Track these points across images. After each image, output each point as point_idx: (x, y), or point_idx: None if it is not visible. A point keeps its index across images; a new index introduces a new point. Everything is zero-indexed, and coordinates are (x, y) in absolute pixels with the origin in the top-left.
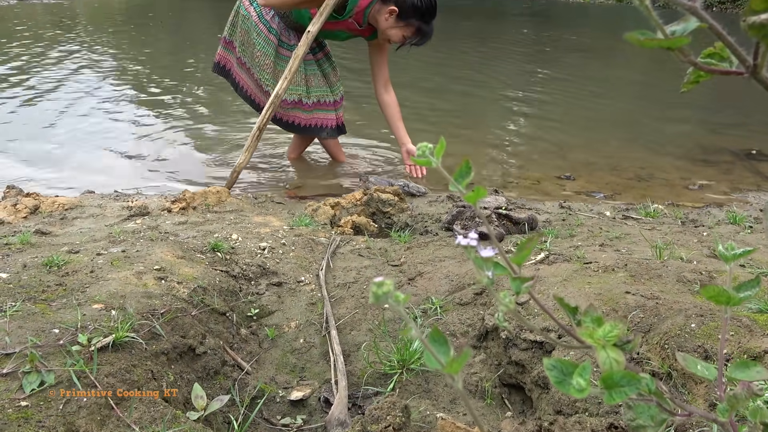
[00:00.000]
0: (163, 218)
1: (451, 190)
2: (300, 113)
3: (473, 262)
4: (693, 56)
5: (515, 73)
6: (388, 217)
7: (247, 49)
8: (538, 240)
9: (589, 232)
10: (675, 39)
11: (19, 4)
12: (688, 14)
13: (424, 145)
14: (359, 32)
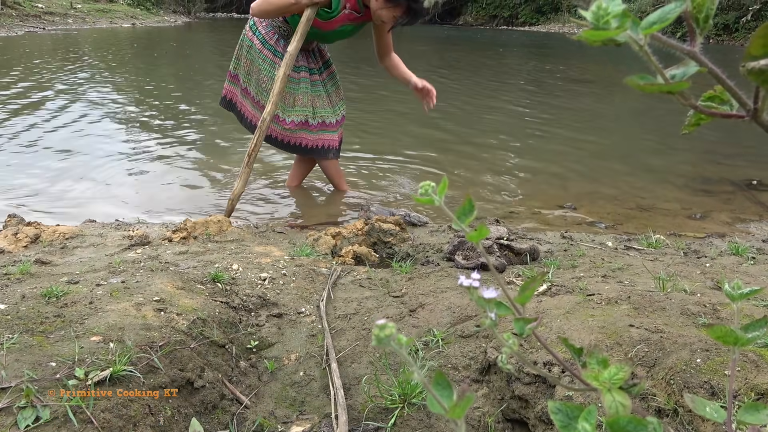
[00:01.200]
0: (163, 248)
1: (453, 227)
2: (306, 134)
3: (476, 302)
4: (693, 99)
5: (515, 104)
6: (390, 247)
7: (252, 77)
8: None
9: (591, 263)
10: (675, 84)
11: (27, 34)
12: (687, 58)
13: (426, 183)
14: (362, 19)
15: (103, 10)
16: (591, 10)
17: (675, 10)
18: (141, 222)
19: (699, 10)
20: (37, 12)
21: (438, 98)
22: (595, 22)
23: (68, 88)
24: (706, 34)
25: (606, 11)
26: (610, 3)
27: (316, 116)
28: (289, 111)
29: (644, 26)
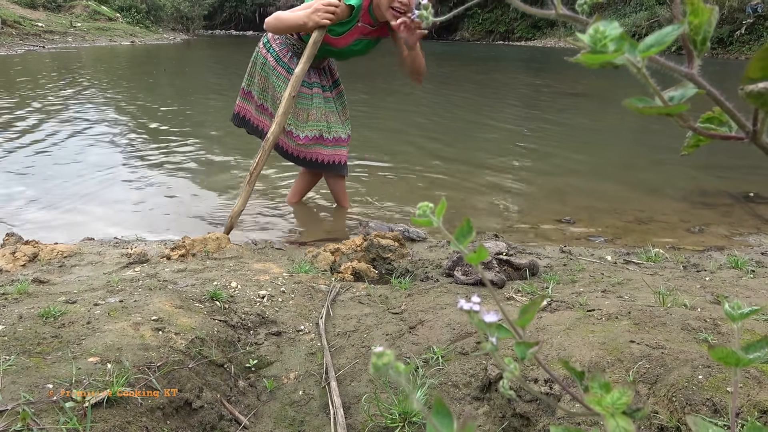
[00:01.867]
0: (162, 266)
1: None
2: (321, 149)
3: (477, 327)
4: (692, 120)
5: (512, 118)
6: (389, 263)
7: (267, 93)
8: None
9: (591, 278)
10: (674, 107)
11: (27, 53)
12: (685, 80)
13: (424, 204)
14: (376, 33)
15: (103, 28)
16: (588, 33)
17: (672, 34)
18: (139, 239)
19: (696, 32)
20: (37, 31)
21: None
22: (593, 45)
23: (67, 106)
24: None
25: (603, 34)
26: (607, 26)
27: (331, 131)
28: (303, 126)
29: (642, 49)
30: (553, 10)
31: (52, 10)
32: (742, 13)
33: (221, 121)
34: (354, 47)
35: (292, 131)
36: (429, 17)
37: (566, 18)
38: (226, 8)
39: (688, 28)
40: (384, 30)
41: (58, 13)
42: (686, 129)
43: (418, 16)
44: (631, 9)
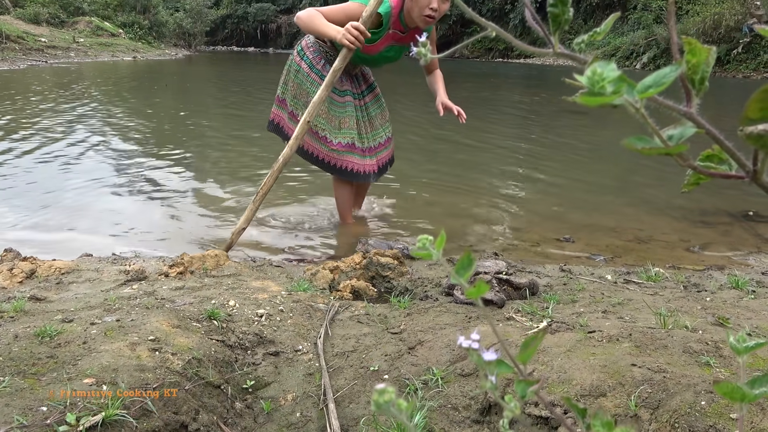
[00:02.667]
0: (160, 283)
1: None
2: (354, 158)
3: (476, 364)
4: (691, 159)
5: (511, 135)
6: (388, 281)
7: (299, 100)
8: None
9: (591, 298)
10: (674, 147)
11: (29, 68)
12: (683, 118)
13: (424, 237)
14: (408, 39)
15: (105, 44)
16: (586, 75)
17: (670, 75)
18: (138, 256)
19: (694, 71)
20: (40, 46)
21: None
22: (591, 87)
23: (66, 121)
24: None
25: (601, 76)
26: (605, 68)
27: (363, 140)
28: (336, 133)
29: (640, 90)
30: (550, 49)
31: (55, 26)
32: (738, 32)
33: (221, 137)
34: (386, 54)
35: (326, 136)
36: (427, 54)
37: (564, 57)
38: (228, 24)
39: (686, 68)
40: (414, 35)
41: (61, 28)
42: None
43: (416, 53)
44: (628, 27)
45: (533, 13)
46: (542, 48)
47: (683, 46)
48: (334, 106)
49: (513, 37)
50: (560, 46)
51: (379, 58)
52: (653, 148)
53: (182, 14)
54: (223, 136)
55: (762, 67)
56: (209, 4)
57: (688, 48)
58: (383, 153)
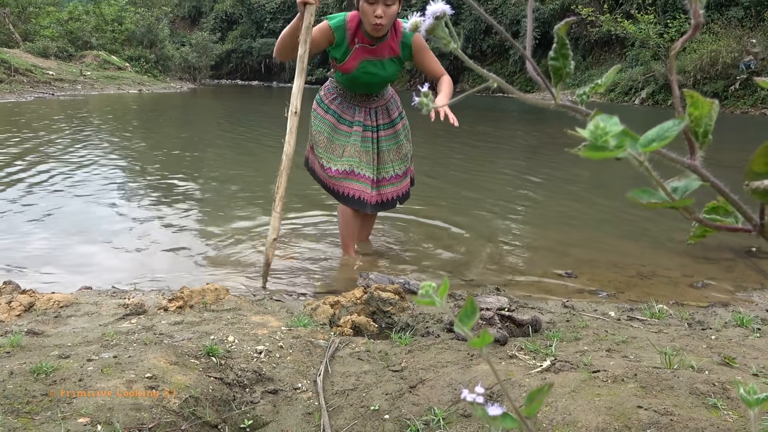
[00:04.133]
0: (158, 318)
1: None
2: (351, 183)
3: (481, 418)
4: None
5: (511, 169)
6: (389, 317)
7: (310, 135)
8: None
9: (595, 335)
10: (679, 201)
11: (36, 100)
12: (688, 170)
13: (427, 284)
14: (386, 53)
15: (112, 77)
16: (589, 129)
17: (674, 128)
18: (137, 289)
19: (697, 124)
20: (47, 79)
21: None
22: (594, 140)
23: (69, 152)
24: None
25: (604, 130)
26: (607, 122)
27: (363, 169)
28: (336, 160)
29: (643, 143)
30: (552, 101)
31: (63, 59)
32: (735, 69)
33: (224, 168)
34: (366, 70)
35: (323, 164)
36: (429, 104)
37: (566, 108)
38: (232, 59)
39: (688, 120)
40: (393, 49)
41: (69, 62)
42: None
43: (418, 103)
44: (626, 64)
45: (534, 65)
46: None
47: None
48: (337, 134)
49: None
50: (562, 97)
51: (361, 76)
52: (658, 202)
53: (188, 48)
54: (225, 168)
55: (760, 103)
56: (215, 39)
57: (690, 101)
58: (388, 188)
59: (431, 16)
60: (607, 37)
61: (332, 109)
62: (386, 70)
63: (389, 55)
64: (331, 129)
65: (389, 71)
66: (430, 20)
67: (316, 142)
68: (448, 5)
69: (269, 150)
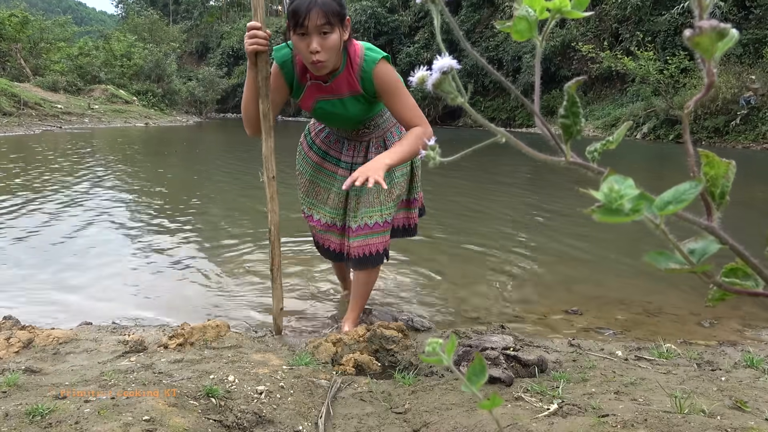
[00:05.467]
0: (158, 355)
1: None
2: (333, 237)
3: None
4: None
5: (514, 204)
6: (392, 355)
7: (298, 179)
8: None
9: (603, 377)
10: (699, 266)
11: (44, 133)
12: (704, 232)
13: (434, 341)
14: (345, 90)
15: (119, 110)
16: (603, 191)
17: (690, 192)
18: (138, 325)
19: (714, 184)
20: (55, 112)
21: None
22: (608, 203)
23: (73, 185)
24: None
25: (619, 194)
26: (622, 184)
27: (337, 219)
28: (320, 208)
29: (659, 206)
30: (563, 157)
31: (72, 93)
32: (735, 105)
33: (227, 203)
34: (325, 110)
35: (305, 210)
36: (436, 158)
37: (577, 166)
38: (238, 93)
39: (704, 180)
40: (351, 84)
41: (77, 95)
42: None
43: (425, 156)
44: (628, 99)
45: (543, 122)
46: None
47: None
48: (321, 174)
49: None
50: (572, 155)
51: (323, 115)
52: (677, 267)
53: (195, 83)
54: (227, 202)
55: (761, 138)
56: (221, 74)
57: (705, 160)
58: (373, 239)
59: (438, 71)
60: (608, 73)
61: (317, 144)
62: (348, 109)
63: (349, 91)
64: (314, 169)
65: (353, 111)
66: (437, 74)
67: (298, 185)
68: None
69: None
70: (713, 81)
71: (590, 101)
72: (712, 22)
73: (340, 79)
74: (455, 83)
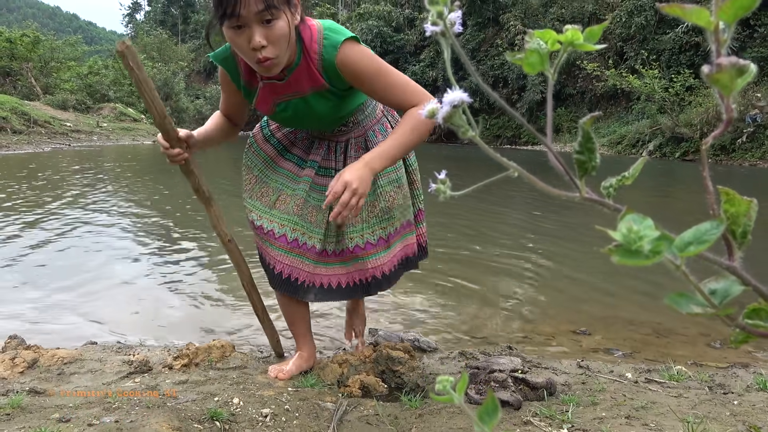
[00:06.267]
0: (163, 376)
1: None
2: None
3: None
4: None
5: (520, 222)
6: (399, 377)
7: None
8: None
9: (613, 400)
10: (722, 309)
11: (53, 150)
12: (725, 272)
13: (445, 378)
14: (306, 86)
15: (127, 128)
16: (621, 232)
17: (713, 232)
18: (143, 344)
19: (735, 222)
20: (65, 130)
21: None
22: (627, 245)
23: (81, 202)
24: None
25: (638, 235)
26: (640, 224)
27: (297, 231)
28: (265, 213)
29: (679, 247)
30: (577, 193)
31: (81, 111)
32: (742, 123)
33: (234, 221)
34: (287, 114)
35: (254, 219)
36: (447, 191)
37: (592, 202)
38: None
39: (724, 218)
40: (314, 78)
41: (86, 113)
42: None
43: (435, 190)
44: (633, 117)
45: (556, 155)
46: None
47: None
48: (273, 171)
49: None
50: (587, 191)
51: (288, 120)
52: (700, 312)
53: (202, 101)
54: (235, 221)
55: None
56: None
57: (725, 198)
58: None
59: (449, 105)
60: (613, 91)
61: (277, 138)
62: (315, 109)
63: (311, 87)
64: (265, 164)
65: (321, 110)
66: (448, 108)
67: (244, 184)
68: (466, 93)
69: None
70: (732, 117)
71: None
72: (731, 59)
73: (299, 74)
74: (466, 116)
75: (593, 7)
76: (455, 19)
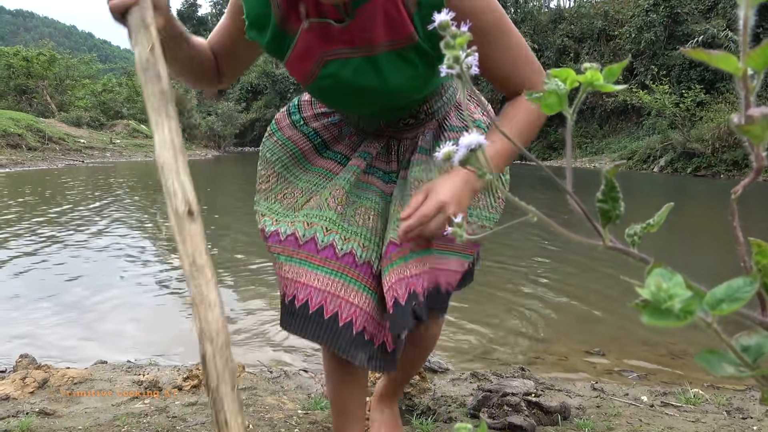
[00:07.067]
0: (172, 398)
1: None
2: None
3: None
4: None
5: (531, 239)
6: (409, 399)
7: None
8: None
9: (629, 425)
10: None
11: (67, 167)
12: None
13: (463, 426)
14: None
15: (140, 145)
16: (650, 290)
17: (747, 290)
18: (153, 364)
19: (767, 274)
20: (78, 146)
21: None
22: (656, 304)
23: (90, 220)
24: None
25: (668, 293)
26: (669, 282)
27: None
28: (286, 215)
29: (711, 305)
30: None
31: (95, 128)
32: None
33: (245, 238)
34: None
35: (265, 225)
36: (463, 234)
37: (617, 251)
38: (256, 127)
39: (756, 270)
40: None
41: (100, 130)
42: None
43: (451, 233)
44: (644, 132)
45: (578, 202)
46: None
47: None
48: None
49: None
50: (611, 239)
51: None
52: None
53: (214, 118)
54: (246, 237)
55: None
56: (240, 109)
57: (756, 249)
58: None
59: (466, 148)
60: (623, 107)
61: (312, 128)
62: (386, 78)
63: (389, 41)
64: (293, 159)
65: (395, 81)
66: (464, 151)
67: (259, 182)
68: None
69: None
70: (763, 165)
71: (606, 134)
72: (762, 110)
73: (371, 13)
74: (483, 158)
75: (602, 23)
76: (472, 62)
